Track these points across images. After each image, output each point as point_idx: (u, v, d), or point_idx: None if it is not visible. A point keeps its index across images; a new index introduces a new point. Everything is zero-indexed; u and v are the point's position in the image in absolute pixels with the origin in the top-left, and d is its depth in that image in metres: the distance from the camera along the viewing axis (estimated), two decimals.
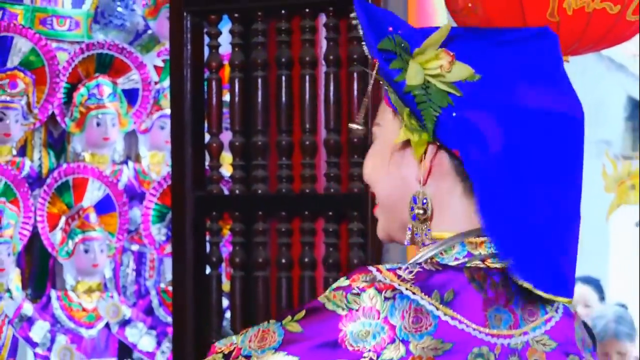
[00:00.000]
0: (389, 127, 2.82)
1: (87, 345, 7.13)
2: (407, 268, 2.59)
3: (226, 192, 5.60)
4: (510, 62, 2.78)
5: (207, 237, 5.51)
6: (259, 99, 5.33)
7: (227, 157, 5.41)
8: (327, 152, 5.19)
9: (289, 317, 2.46)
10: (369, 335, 2.43)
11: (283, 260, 5.43)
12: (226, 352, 2.47)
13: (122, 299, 7.37)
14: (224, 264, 5.49)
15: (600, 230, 9.85)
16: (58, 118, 7.54)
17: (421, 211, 2.75)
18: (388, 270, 2.60)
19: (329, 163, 5.18)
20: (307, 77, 5.27)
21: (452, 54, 2.68)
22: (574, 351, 2.78)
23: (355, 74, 5.16)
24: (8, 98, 7.22)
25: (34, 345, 7.17)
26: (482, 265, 2.68)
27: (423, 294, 2.54)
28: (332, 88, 5.25)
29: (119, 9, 7.99)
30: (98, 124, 7.47)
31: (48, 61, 7.31)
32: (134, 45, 7.79)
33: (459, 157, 2.65)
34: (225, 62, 5.49)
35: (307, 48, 5.28)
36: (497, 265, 2.65)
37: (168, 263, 6.57)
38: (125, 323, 7.23)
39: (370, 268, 2.61)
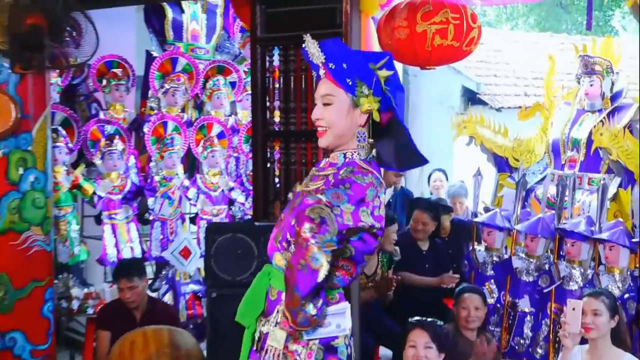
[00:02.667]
0: (342, 97, 2.89)
1: (213, 199, 7.06)
2: (371, 161, 2.97)
3: (277, 129, 5.43)
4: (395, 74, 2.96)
5: (268, 150, 5.38)
6: (292, 86, 5.22)
7: (277, 114, 5.28)
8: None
9: (343, 186, 2.76)
10: (374, 196, 2.78)
11: (303, 161, 5.29)
12: (324, 206, 2.66)
13: (229, 178, 7.29)
14: (276, 163, 5.36)
15: (449, 148, 9.59)
16: (199, 96, 7.40)
17: (363, 138, 2.97)
18: (369, 162, 2.94)
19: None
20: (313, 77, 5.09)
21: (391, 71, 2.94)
22: None
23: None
24: (176, 85, 7.08)
25: (188, 199, 7.09)
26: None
27: (379, 174, 2.91)
28: None
29: (227, 44, 7.88)
30: (218, 97, 7.36)
31: (195, 68, 7.18)
32: (234, 61, 7.69)
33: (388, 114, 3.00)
34: (276, 69, 5.35)
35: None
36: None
37: (250, 162, 6.44)
38: (231, 189, 7.17)
39: (363, 164, 2.93)
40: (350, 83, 2.85)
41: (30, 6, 4.14)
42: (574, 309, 4.28)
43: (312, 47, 2.86)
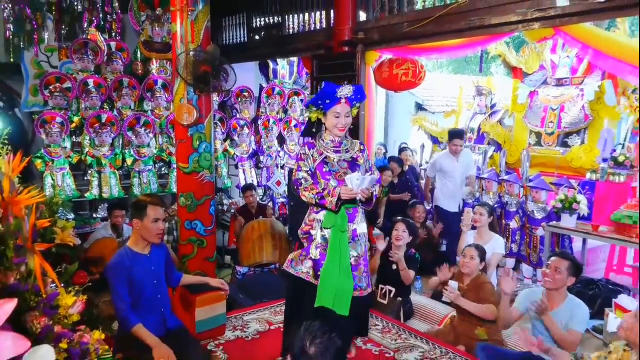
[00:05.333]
0: (350, 115, 2.83)
1: (292, 157, 6.96)
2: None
3: None
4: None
5: None
6: None
7: None
8: None
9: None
10: None
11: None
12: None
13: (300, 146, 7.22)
14: None
15: (408, 132, 9.41)
16: (286, 106, 7.24)
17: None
18: None
19: None
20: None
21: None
22: None
23: None
24: (274, 101, 7.00)
25: (279, 156, 7.07)
26: None
27: None
28: None
29: (299, 80, 7.74)
30: (294, 107, 7.22)
31: (283, 93, 7.08)
32: (303, 89, 7.51)
33: None
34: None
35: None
36: None
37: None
38: None
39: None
40: (354, 104, 2.85)
41: (203, 61, 4.13)
42: (467, 212, 4.53)
43: (347, 89, 2.81)
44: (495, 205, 5.34)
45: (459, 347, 3.36)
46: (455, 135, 5.44)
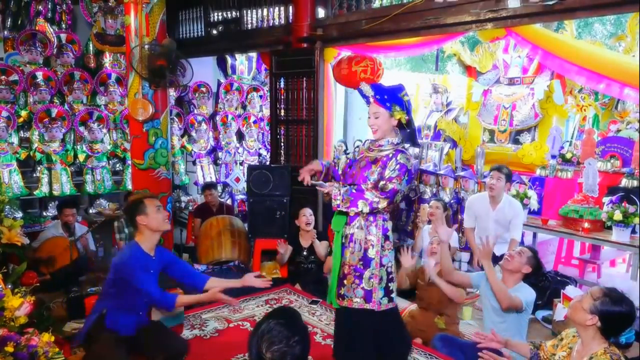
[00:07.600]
0: (384, 113, 2.71)
1: (251, 153, 6.94)
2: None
3: (282, 119, 5.27)
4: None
5: (277, 129, 5.26)
6: (289, 97, 5.08)
7: (282, 111, 5.14)
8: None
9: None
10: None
11: (294, 134, 5.18)
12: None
13: (259, 143, 7.20)
14: (281, 136, 5.23)
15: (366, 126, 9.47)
16: (244, 102, 7.19)
17: (396, 132, 2.75)
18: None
19: None
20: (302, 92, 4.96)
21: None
22: None
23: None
24: (232, 97, 6.94)
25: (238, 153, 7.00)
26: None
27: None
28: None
29: (258, 76, 7.64)
30: (253, 103, 7.19)
31: (242, 88, 7.02)
32: (262, 84, 7.41)
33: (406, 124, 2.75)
34: (282, 89, 5.21)
35: (306, 89, 5.03)
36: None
37: (269, 135, 6.24)
38: (259, 148, 7.10)
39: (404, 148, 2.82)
40: (388, 105, 2.72)
41: (159, 55, 4.05)
42: (424, 208, 4.49)
43: (365, 87, 2.76)
44: (452, 201, 5.43)
45: (416, 340, 3.41)
46: (491, 169, 4.30)
